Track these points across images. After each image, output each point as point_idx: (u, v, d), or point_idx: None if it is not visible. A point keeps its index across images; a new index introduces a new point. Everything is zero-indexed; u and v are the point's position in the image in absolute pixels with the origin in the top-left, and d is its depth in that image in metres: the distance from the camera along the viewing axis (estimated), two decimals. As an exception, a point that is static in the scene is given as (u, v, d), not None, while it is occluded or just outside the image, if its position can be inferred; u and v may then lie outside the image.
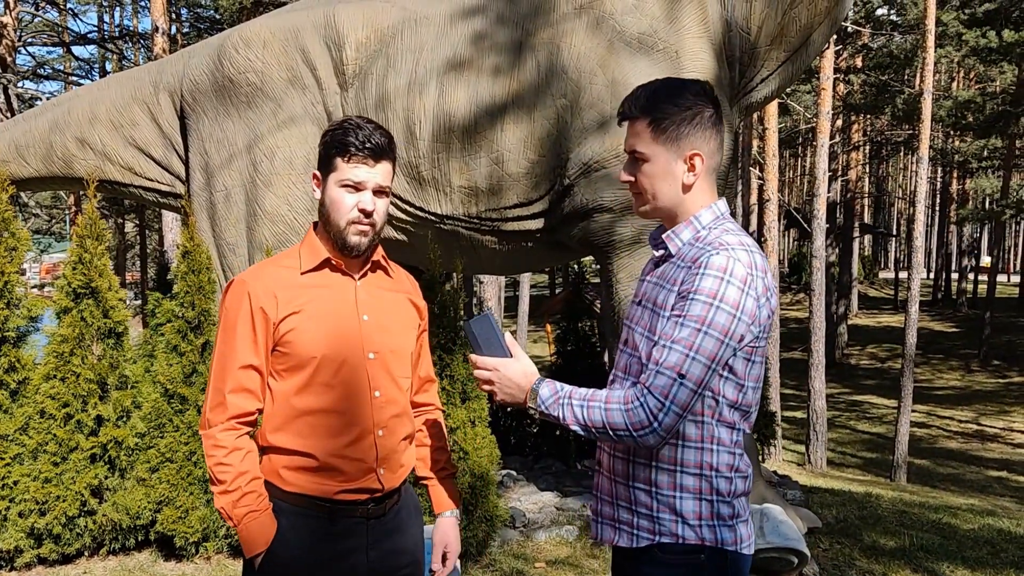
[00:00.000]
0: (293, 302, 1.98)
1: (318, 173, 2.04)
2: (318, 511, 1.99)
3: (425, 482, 2.25)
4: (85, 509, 4.52)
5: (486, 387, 1.89)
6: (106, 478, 4.58)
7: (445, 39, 4.90)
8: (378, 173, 1.99)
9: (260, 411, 2.01)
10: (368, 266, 2.09)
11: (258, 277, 2.01)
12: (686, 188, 1.87)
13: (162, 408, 4.64)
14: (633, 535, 1.88)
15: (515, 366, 1.88)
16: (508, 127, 4.76)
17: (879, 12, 22.18)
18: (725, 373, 1.79)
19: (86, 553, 4.64)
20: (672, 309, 1.79)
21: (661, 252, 1.92)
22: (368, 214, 1.98)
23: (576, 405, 1.80)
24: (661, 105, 1.84)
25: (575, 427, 1.80)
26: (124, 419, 4.67)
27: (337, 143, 1.97)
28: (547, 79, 4.73)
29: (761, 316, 1.79)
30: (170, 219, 12.80)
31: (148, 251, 28.18)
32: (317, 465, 1.97)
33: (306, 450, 1.97)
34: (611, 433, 1.77)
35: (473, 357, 1.91)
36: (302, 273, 2.03)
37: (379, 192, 2.01)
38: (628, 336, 1.94)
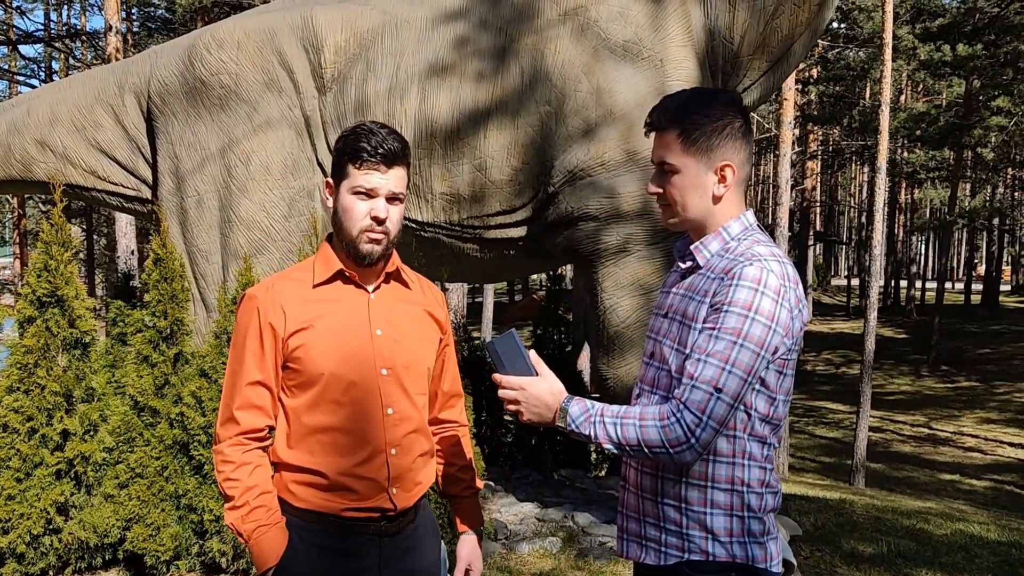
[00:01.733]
0: (302, 317, 1.92)
1: (331, 181, 1.97)
2: (328, 527, 1.93)
3: (449, 499, 2.22)
4: (50, 527, 4.31)
5: (512, 407, 1.83)
6: (72, 495, 4.38)
7: (427, 43, 4.81)
8: (391, 179, 1.92)
9: (271, 427, 1.95)
10: (383, 278, 2.02)
11: (268, 291, 1.95)
12: (716, 199, 1.83)
13: (132, 422, 4.46)
14: (661, 552, 1.83)
15: (541, 384, 1.82)
16: (491, 133, 4.70)
17: (834, 25, 22.64)
18: (757, 386, 1.76)
19: (51, 573, 4.43)
20: (704, 321, 1.75)
21: (688, 264, 1.88)
22: (381, 221, 1.91)
23: (609, 423, 1.75)
24: (691, 116, 1.80)
25: (608, 445, 1.75)
26: (91, 433, 4.48)
27: (349, 149, 1.90)
28: (531, 85, 4.67)
29: (794, 328, 1.76)
30: (123, 224, 12.30)
31: (95, 256, 27.49)
32: (327, 483, 1.92)
33: (317, 468, 1.92)
34: (646, 450, 1.71)
35: (497, 376, 1.84)
36: (314, 286, 1.96)
37: (392, 199, 1.94)
38: (655, 349, 1.89)
